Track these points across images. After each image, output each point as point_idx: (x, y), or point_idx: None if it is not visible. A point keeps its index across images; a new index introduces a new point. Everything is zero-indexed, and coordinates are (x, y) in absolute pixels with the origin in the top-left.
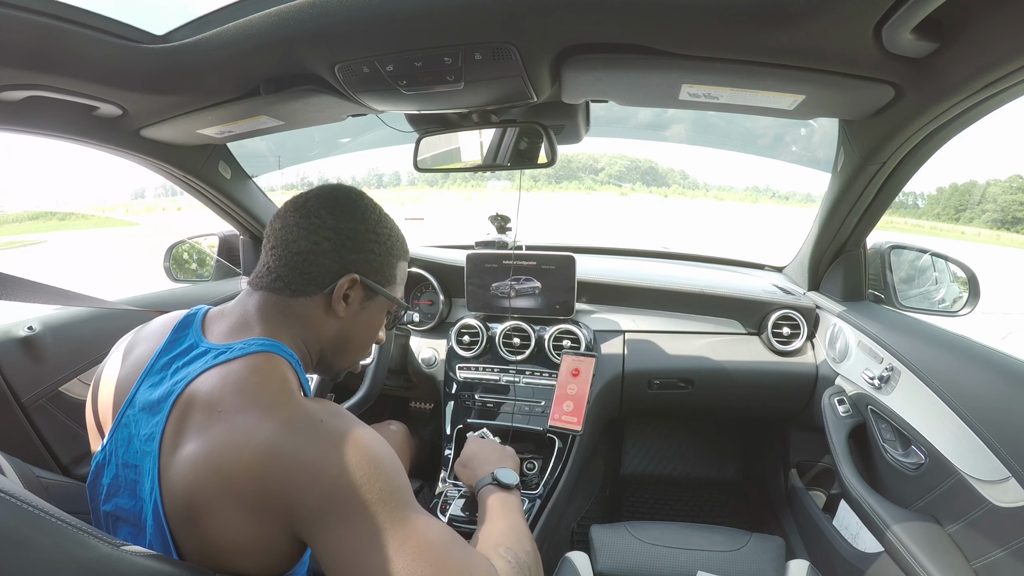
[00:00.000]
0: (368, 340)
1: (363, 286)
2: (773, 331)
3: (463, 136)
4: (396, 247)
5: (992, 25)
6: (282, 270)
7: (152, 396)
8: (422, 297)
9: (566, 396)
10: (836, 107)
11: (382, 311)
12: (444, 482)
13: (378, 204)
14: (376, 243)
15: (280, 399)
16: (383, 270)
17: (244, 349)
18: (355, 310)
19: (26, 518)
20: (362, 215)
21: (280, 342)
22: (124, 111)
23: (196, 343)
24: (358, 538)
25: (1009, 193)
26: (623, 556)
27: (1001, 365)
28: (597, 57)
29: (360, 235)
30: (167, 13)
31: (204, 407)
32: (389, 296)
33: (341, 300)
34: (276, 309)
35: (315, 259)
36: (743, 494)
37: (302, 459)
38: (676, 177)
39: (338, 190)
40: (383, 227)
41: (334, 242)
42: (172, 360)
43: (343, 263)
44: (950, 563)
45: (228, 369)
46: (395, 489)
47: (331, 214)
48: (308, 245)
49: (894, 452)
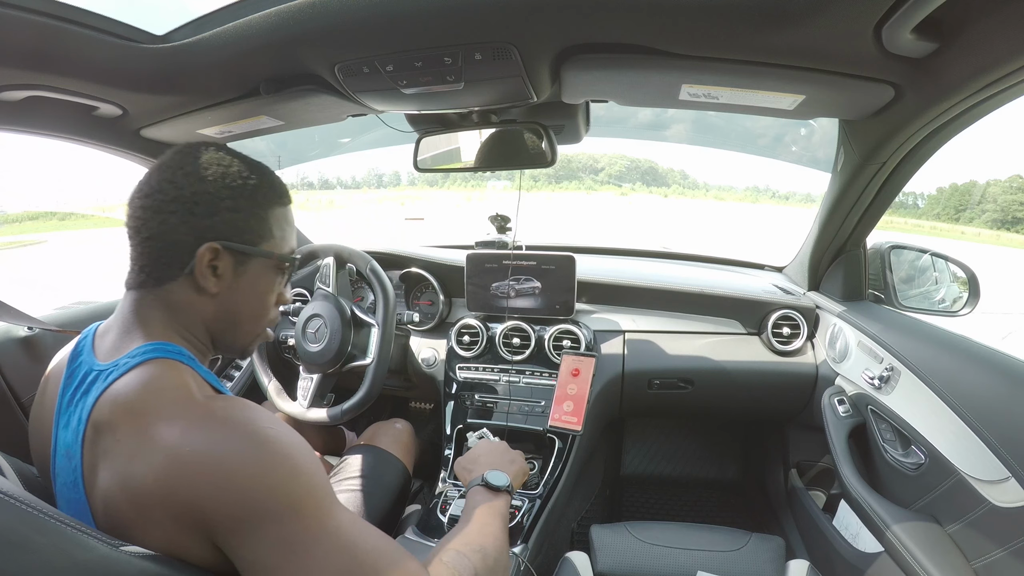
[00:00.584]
0: (261, 308)
1: (229, 252)
2: (773, 331)
3: (463, 136)
4: (261, 194)
5: (992, 25)
6: (142, 261)
7: (67, 439)
8: (422, 297)
9: (566, 396)
10: (836, 107)
11: (267, 272)
12: (444, 482)
13: (229, 154)
14: (231, 198)
15: (176, 408)
16: (250, 226)
17: (128, 363)
18: (229, 281)
19: (25, 519)
20: (205, 172)
21: (165, 341)
22: (124, 111)
23: (89, 368)
24: (282, 547)
25: (1009, 193)
26: (623, 556)
27: (1001, 365)
28: (597, 57)
29: (208, 195)
30: (167, 13)
31: (106, 438)
32: (264, 253)
33: (208, 275)
34: (148, 306)
35: (168, 238)
36: (743, 494)
37: (212, 465)
38: (676, 177)
39: (178, 153)
40: (234, 178)
41: (181, 214)
42: (73, 395)
43: (197, 233)
44: (950, 563)
45: (116, 391)
46: (315, 487)
47: (171, 183)
48: (157, 225)
49: (894, 452)
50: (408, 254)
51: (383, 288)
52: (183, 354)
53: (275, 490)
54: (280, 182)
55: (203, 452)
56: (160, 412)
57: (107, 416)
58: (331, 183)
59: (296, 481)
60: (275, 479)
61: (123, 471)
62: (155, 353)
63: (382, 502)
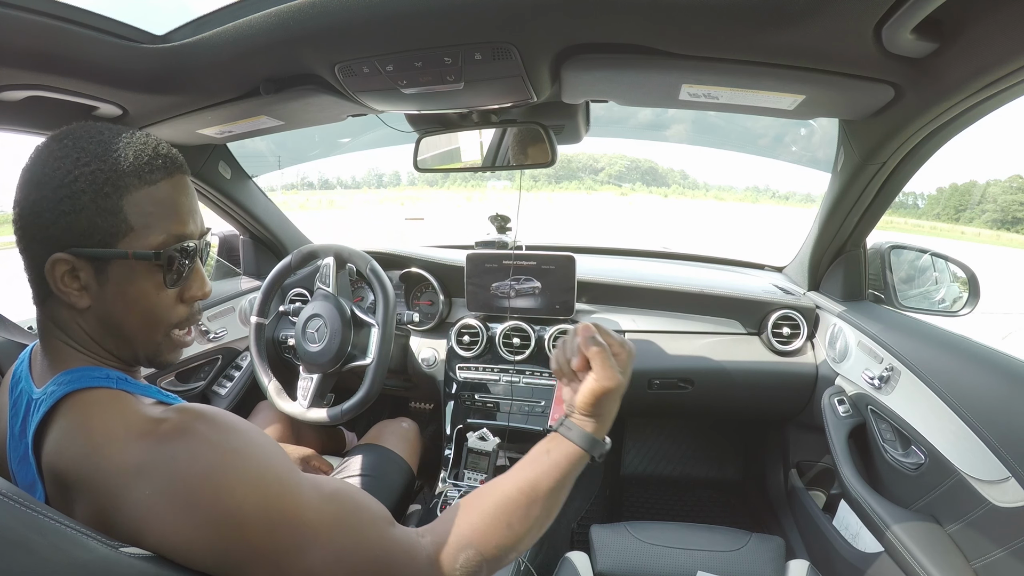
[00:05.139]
0: (146, 314)
1: (84, 258)
2: (773, 331)
3: (463, 136)
4: (104, 183)
5: (992, 25)
6: (29, 280)
7: (25, 475)
8: (422, 297)
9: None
10: (836, 107)
11: (134, 273)
12: (444, 482)
13: (70, 141)
14: (69, 198)
15: (115, 442)
16: (101, 224)
17: (46, 401)
18: (96, 291)
19: (24, 519)
20: (42, 176)
21: (80, 367)
22: (124, 111)
23: (29, 396)
24: (278, 555)
25: (1009, 193)
26: (623, 556)
27: (1001, 365)
28: (597, 57)
29: (46, 200)
30: (167, 13)
31: (60, 488)
32: (116, 255)
33: (70, 289)
34: (45, 327)
35: (28, 254)
36: (743, 494)
37: (174, 493)
38: (676, 177)
39: (30, 159)
40: (67, 173)
41: (31, 228)
42: (20, 424)
43: (47, 246)
44: (950, 563)
45: (51, 435)
46: (283, 492)
47: (23, 195)
48: (19, 241)
49: (894, 452)
50: (408, 254)
51: (383, 288)
52: (111, 378)
53: (249, 502)
54: (142, 157)
55: (157, 485)
56: (104, 450)
57: (52, 463)
58: (331, 183)
59: (268, 479)
60: (247, 490)
61: (100, 522)
62: (70, 385)
63: (385, 502)
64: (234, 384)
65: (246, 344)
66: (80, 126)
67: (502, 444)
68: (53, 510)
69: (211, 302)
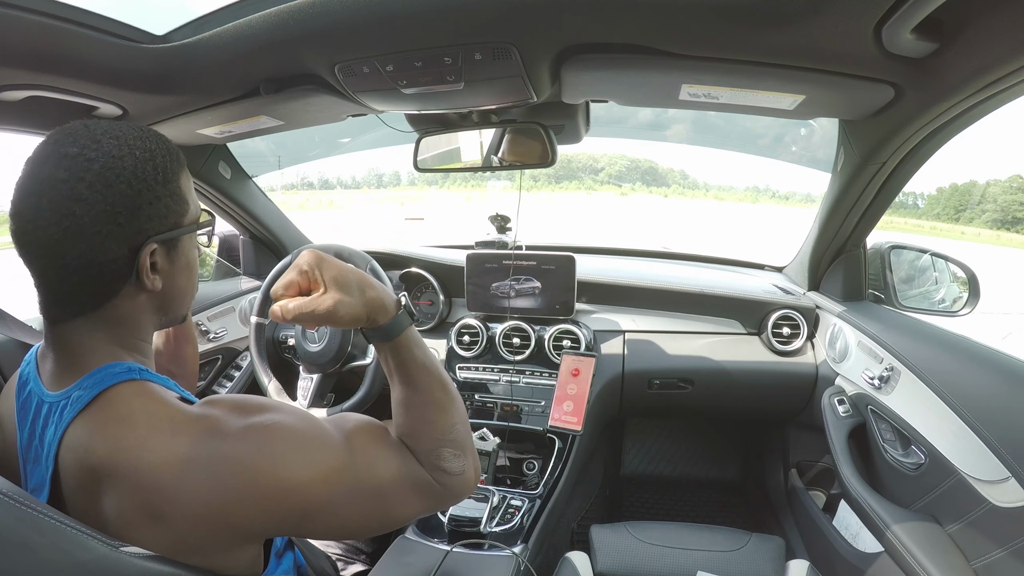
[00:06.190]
0: (195, 272)
1: (163, 243)
2: (773, 331)
3: (463, 136)
4: (168, 169)
5: (992, 25)
6: (72, 292)
7: (35, 477)
8: (422, 297)
9: (566, 396)
10: (836, 107)
11: (192, 240)
12: None
13: (117, 139)
14: (148, 189)
15: (159, 435)
16: (171, 208)
17: (73, 405)
18: (168, 269)
19: (25, 519)
20: (110, 174)
21: (113, 363)
22: (124, 111)
23: (40, 399)
24: (332, 516)
25: (1009, 193)
26: (623, 556)
27: (1001, 365)
28: (597, 57)
29: (125, 197)
30: (167, 13)
31: (86, 485)
32: (190, 229)
33: (151, 274)
34: (88, 331)
35: (100, 259)
36: (743, 494)
37: (236, 474)
38: (676, 177)
39: (61, 163)
40: (143, 165)
41: (105, 232)
42: (32, 428)
43: (130, 241)
44: (950, 563)
45: (73, 434)
46: (324, 458)
47: (80, 201)
48: (84, 251)
49: (894, 452)
50: (408, 254)
51: None
52: (133, 370)
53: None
54: (169, 142)
55: (219, 461)
56: (145, 435)
57: (80, 459)
58: (331, 183)
59: (307, 468)
60: (290, 474)
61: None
62: (98, 387)
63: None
64: (234, 384)
65: (246, 344)
66: (85, 124)
67: (502, 444)
68: (54, 510)
69: (211, 302)
